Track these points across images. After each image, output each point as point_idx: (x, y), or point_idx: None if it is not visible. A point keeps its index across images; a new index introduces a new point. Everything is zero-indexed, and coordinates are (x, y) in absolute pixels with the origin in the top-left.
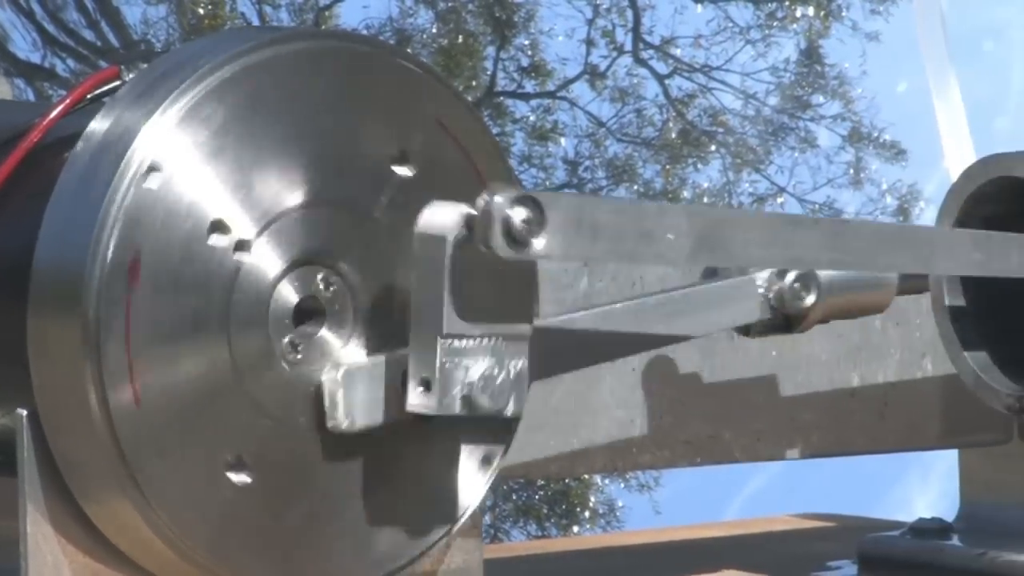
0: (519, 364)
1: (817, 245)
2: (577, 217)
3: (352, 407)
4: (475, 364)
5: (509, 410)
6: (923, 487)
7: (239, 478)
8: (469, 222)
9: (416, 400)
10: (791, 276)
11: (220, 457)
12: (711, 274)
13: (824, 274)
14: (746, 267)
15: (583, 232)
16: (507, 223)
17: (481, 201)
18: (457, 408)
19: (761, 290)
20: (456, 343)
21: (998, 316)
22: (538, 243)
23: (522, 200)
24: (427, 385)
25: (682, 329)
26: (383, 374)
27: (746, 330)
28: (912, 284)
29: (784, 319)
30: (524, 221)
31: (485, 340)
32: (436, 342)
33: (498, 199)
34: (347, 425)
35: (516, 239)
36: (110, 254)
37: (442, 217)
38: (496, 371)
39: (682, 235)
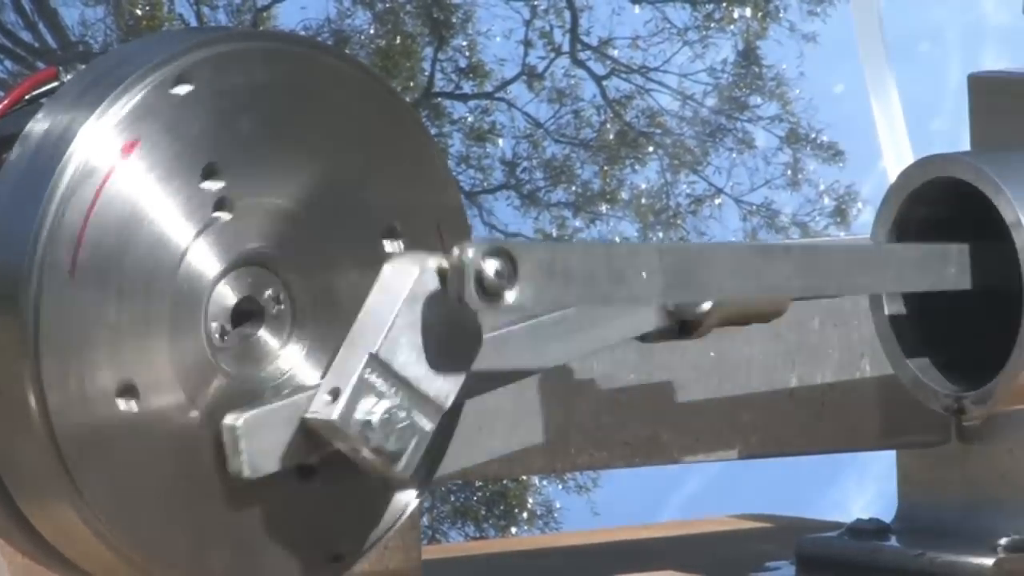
0: (426, 427)
1: (790, 273)
2: (549, 265)
3: (254, 455)
4: (387, 401)
5: (400, 465)
6: (860, 488)
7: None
8: (442, 275)
9: (319, 407)
10: None
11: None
12: None
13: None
14: (721, 300)
15: (555, 280)
16: (480, 276)
17: (453, 254)
18: (353, 430)
19: None
20: (379, 373)
21: (936, 317)
22: (510, 295)
23: (494, 252)
24: (335, 395)
25: (582, 346)
26: (286, 418)
27: (643, 337)
28: None
29: (680, 325)
30: (497, 273)
31: (404, 389)
32: (364, 357)
33: (470, 252)
34: (249, 473)
35: (489, 292)
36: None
37: (411, 271)
38: (403, 417)
39: (654, 273)
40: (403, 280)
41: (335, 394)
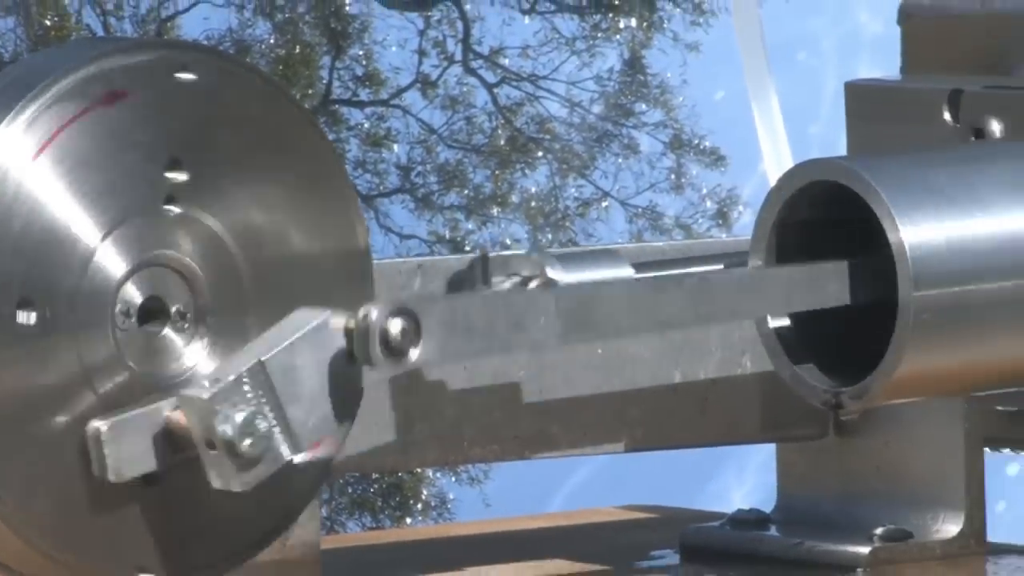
0: (282, 455)
1: (682, 305)
2: (451, 320)
3: (119, 460)
4: (257, 408)
5: (245, 479)
6: (740, 480)
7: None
8: (348, 334)
9: (193, 390)
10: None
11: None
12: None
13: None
14: (618, 338)
15: (457, 334)
16: (385, 336)
17: (359, 315)
18: (217, 418)
19: None
20: (260, 382)
21: (814, 316)
22: (414, 352)
23: (398, 311)
24: (214, 382)
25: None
26: (150, 423)
27: None
28: None
29: None
30: (402, 331)
31: (275, 410)
32: (252, 360)
33: (374, 313)
34: (113, 478)
35: (394, 351)
36: None
37: (319, 332)
38: (264, 430)
39: (551, 318)
40: (310, 322)
41: (214, 381)
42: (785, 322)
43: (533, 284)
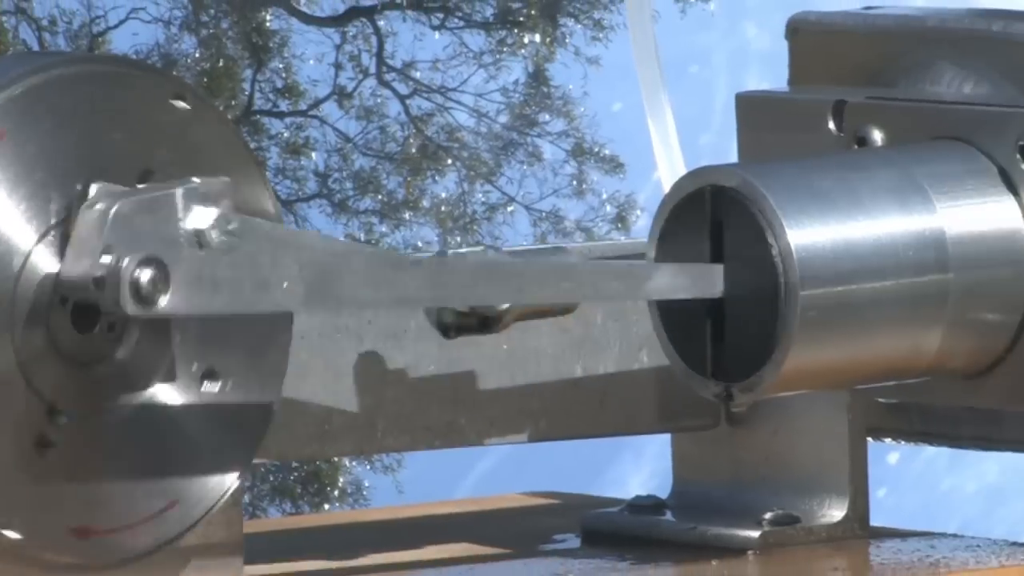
0: None
1: (420, 284)
2: (198, 274)
3: None
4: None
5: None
6: (637, 468)
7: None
8: (97, 283)
9: None
10: None
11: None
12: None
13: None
14: (359, 309)
15: (204, 287)
16: (135, 285)
17: (107, 261)
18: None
19: None
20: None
21: (706, 315)
22: (163, 300)
23: (147, 261)
24: None
25: None
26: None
27: (444, 330)
28: None
29: (480, 320)
30: (151, 281)
31: None
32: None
33: (125, 260)
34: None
35: (143, 299)
36: None
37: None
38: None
39: (294, 283)
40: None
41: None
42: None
43: None
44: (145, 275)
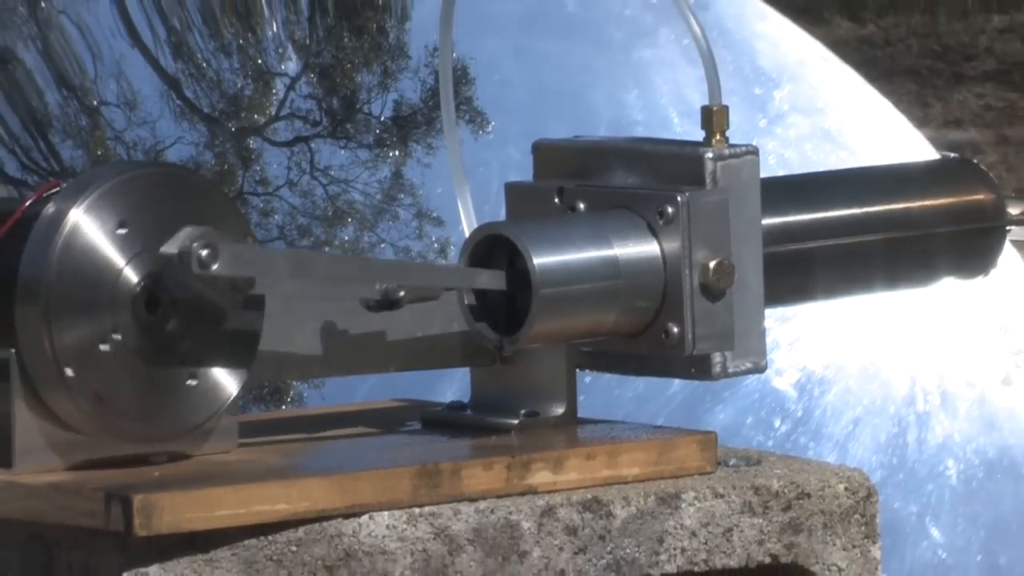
0: None
1: (323, 269)
2: (239, 253)
3: None
4: None
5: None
6: (451, 386)
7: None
8: (183, 256)
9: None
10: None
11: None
12: None
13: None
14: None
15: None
16: (199, 256)
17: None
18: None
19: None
20: None
21: (494, 296)
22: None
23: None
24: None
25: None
26: None
27: (367, 307)
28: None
29: (389, 302)
30: (208, 255)
31: None
32: None
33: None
34: None
35: (204, 264)
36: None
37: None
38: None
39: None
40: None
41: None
42: (473, 301)
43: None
44: (204, 252)
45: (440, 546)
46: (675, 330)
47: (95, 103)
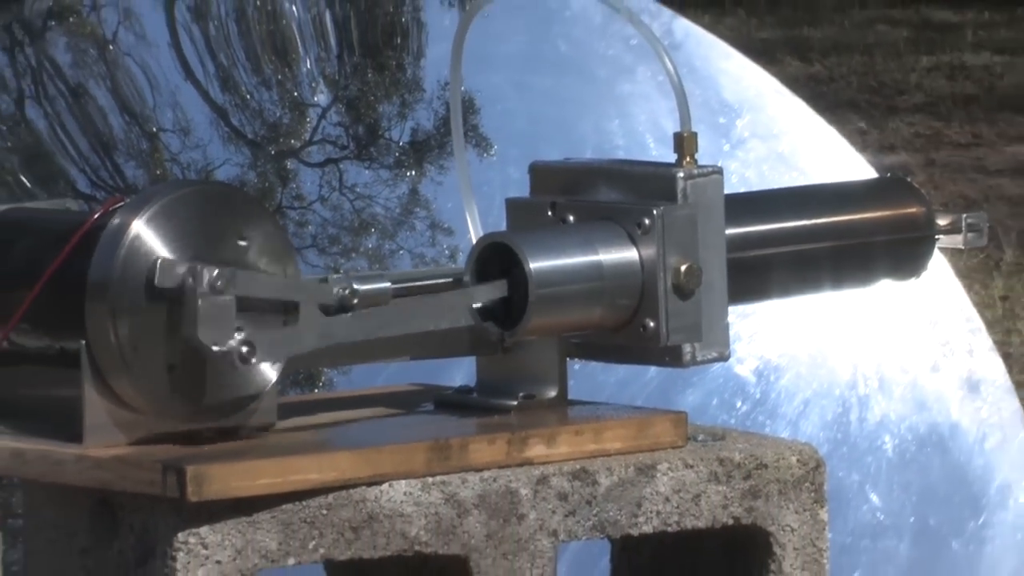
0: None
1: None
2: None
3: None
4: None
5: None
6: (460, 372)
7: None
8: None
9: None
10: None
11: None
12: None
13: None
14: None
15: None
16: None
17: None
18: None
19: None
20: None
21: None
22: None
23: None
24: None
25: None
26: None
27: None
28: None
29: (344, 308)
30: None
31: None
32: None
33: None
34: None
35: (244, 360)
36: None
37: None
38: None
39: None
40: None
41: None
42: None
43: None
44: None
45: (450, 510)
46: (651, 324)
47: (154, 129)
